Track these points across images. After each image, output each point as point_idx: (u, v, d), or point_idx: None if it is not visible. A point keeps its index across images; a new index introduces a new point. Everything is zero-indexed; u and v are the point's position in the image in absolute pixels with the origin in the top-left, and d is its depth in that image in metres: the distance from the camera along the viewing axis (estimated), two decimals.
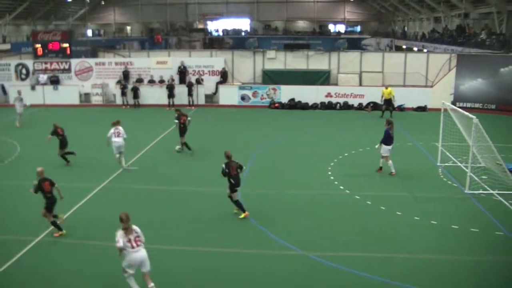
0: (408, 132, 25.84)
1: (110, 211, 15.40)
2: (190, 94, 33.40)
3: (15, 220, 14.47)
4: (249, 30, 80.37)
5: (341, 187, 17.40)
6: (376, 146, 18.98)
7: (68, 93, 35.60)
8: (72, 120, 28.43)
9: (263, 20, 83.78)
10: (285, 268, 11.89)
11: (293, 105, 33.02)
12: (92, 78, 36.35)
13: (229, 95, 34.06)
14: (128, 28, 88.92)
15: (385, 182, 18.12)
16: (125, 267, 10.44)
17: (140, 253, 10.32)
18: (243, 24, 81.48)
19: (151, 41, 66.32)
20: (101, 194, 17.00)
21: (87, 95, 36.03)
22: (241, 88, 34.18)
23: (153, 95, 34.26)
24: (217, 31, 78.53)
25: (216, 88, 34.76)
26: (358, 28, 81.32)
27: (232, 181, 14.80)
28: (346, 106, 32.71)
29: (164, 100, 33.28)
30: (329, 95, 33.18)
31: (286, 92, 33.41)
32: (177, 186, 17.65)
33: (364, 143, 22.95)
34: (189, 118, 21.98)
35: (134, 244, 10.26)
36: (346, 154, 21.55)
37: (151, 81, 35.10)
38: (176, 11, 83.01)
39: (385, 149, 18.69)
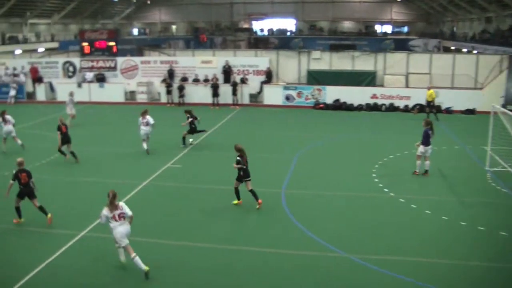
0: (456, 135, 25.29)
1: (152, 208, 15.62)
2: (234, 93, 33.51)
3: (61, 214, 14.73)
4: (294, 30, 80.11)
5: (386, 190, 17.11)
6: (416, 144, 18.72)
7: (113, 90, 36.26)
8: (117, 117, 28.91)
9: (309, 20, 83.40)
10: (327, 270, 11.78)
11: (338, 106, 32.72)
12: (138, 76, 36.87)
13: (273, 95, 34.01)
14: (174, 27, 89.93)
15: (431, 186, 17.71)
16: (121, 245, 11.51)
17: (124, 227, 11.43)
18: (288, 24, 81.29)
19: (196, 40, 66.73)
20: (144, 192, 17.21)
21: (132, 93, 36.58)
22: (285, 88, 34.06)
23: (198, 94, 34.50)
24: (262, 31, 78.59)
25: (261, 88, 34.73)
26: (405, 29, 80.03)
27: (242, 172, 15.49)
28: (392, 108, 32.21)
29: (209, 99, 33.48)
30: (374, 96, 32.75)
31: (331, 93, 33.13)
32: (218, 185, 17.65)
33: (410, 146, 22.43)
34: (198, 119, 23.04)
35: (118, 218, 11.37)
36: (391, 156, 21.21)
37: (196, 80, 35.34)
38: (221, 11, 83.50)
39: (423, 149, 18.47)
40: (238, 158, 15.52)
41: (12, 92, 36.47)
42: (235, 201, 15.88)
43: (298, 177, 18.63)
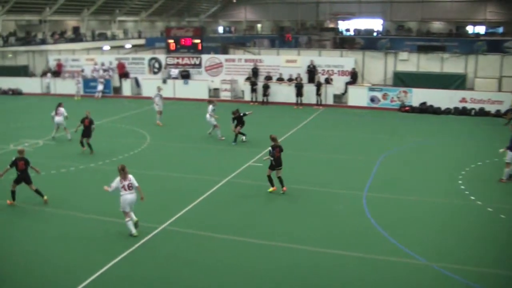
0: None
1: (229, 206, 15.80)
2: (318, 93, 33.27)
3: (142, 207, 15.10)
4: (381, 30, 78.63)
5: (472, 198, 16.44)
6: (500, 151, 17.90)
7: (197, 87, 36.96)
8: (201, 114, 29.32)
9: (396, 21, 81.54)
10: (408, 277, 11.52)
11: (425, 109, 31.74)
12: (222, 74, 37.34)
13: (358, 96, 33.46)
14: (259, 25, 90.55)
15: None
16: (122, 209, 13.29)
17: (130, 196, 13.27)
18: (375, 24, 79.86)
19: (281, 39, 66.82)
20: (223, 189, 17.46)
21: (216, 90, 37.08)
22: (370, 89, 33.42)
23: (282, 93, 34.54)
24: (348, 30, 77.63)
25: (345, 89, 34.29)
26: (500, 29, 76.47)
27: (273, 162, 16.60)
28: (482, 113, 30.81)
29: (292, 99, 33.46)
30: (463, 100, 31.48)
31: (418, 95, 32.16)
32: (298, 185, 17.60)
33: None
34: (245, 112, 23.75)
35: (127, 188, 13.17)
36: (479, 163, 20.34)
37: (280, 79, 35.36)
38: (307, 10, 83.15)
39: (510, 155, 17.66)
40: (270, 148, 16.78)
41: (100, 87, 37.98)
42: (270, 189, 16.79)
43: (381, 180, 18.29)
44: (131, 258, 12.23)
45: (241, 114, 23.13)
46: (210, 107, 23.95)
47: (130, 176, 13.37)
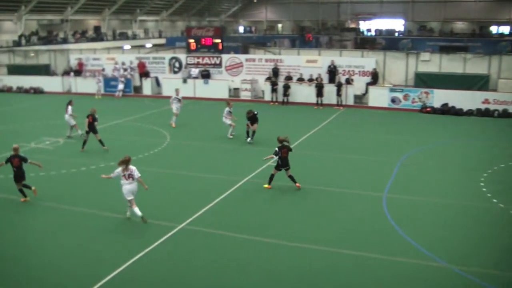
0: None
1: (248, 206, 15.74)
2: (338, 94, 33.06)
3: (158, 207, 15.12)
4: (402, 30, 78.09)
5: (494, 200, 16.16)
6: None
7: (218, 87, 36.95)
8: (220, 113, 29.54)
9: (418, 21, 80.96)
10: (425, 279, 11.35)
11: (446, 110, 31.34)
12: (242, 74, 37.31)
13: (379, 97, 33.18)
14: (279, 25, 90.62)
15: None
16: (127, 198, 13.86)
17: (130, 185, 13.86)
18: (396, 24, 79.33)
19: (301, 39, 66.68)
20: (243, 188, 17.40)
21: (236, 90, 37.06)
22: (392, 90, 33.11)
23: (302, 93, 34.39)
24: (369, 31, 77.25)
25: (366, 89, 34.03)
26: None
27: (280, 162, 16.79)
28: (505, 114, 30.30)
29: (313, 99, 33.31)
30: (486, 101, 31.02)
31: (439, 96, 31.78)
32: (318, 185, 17.52)
33: None
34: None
35: (127, 178, 13.82)
36: (502, 165, 20.01)
37: (300, 79, 35.21)
38: (328, 10, 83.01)
39: None
40: (276, 148, 16.71)
41: (121, 86, 38.21)
42: (266, 185, 17.09)
43: (401, 181, 18.09)
44: (149, 257, 12.22)
45: (255, 113, 23.05)
46: (226, 109, 23.85)
47: (132, 168, 13.91)
